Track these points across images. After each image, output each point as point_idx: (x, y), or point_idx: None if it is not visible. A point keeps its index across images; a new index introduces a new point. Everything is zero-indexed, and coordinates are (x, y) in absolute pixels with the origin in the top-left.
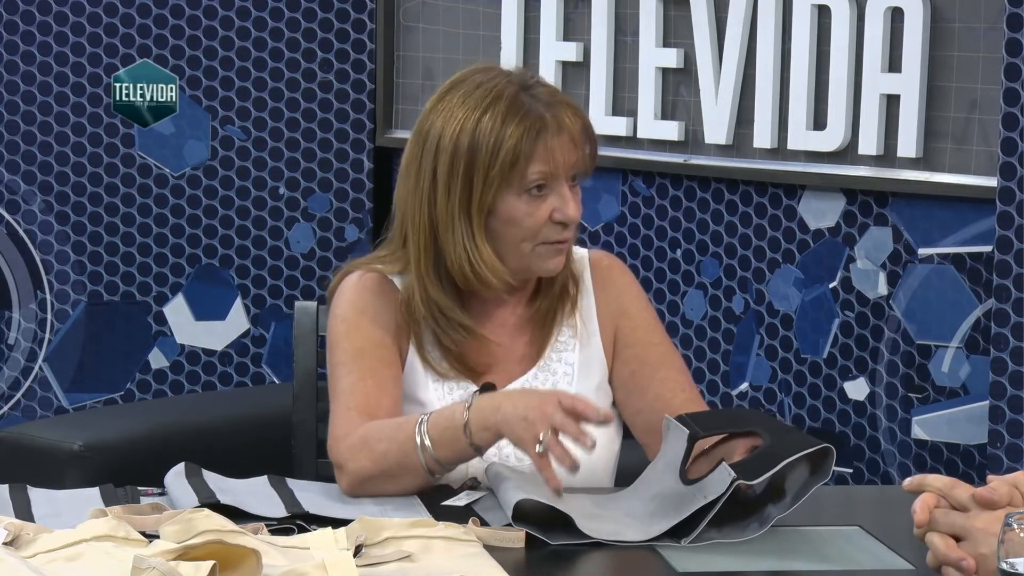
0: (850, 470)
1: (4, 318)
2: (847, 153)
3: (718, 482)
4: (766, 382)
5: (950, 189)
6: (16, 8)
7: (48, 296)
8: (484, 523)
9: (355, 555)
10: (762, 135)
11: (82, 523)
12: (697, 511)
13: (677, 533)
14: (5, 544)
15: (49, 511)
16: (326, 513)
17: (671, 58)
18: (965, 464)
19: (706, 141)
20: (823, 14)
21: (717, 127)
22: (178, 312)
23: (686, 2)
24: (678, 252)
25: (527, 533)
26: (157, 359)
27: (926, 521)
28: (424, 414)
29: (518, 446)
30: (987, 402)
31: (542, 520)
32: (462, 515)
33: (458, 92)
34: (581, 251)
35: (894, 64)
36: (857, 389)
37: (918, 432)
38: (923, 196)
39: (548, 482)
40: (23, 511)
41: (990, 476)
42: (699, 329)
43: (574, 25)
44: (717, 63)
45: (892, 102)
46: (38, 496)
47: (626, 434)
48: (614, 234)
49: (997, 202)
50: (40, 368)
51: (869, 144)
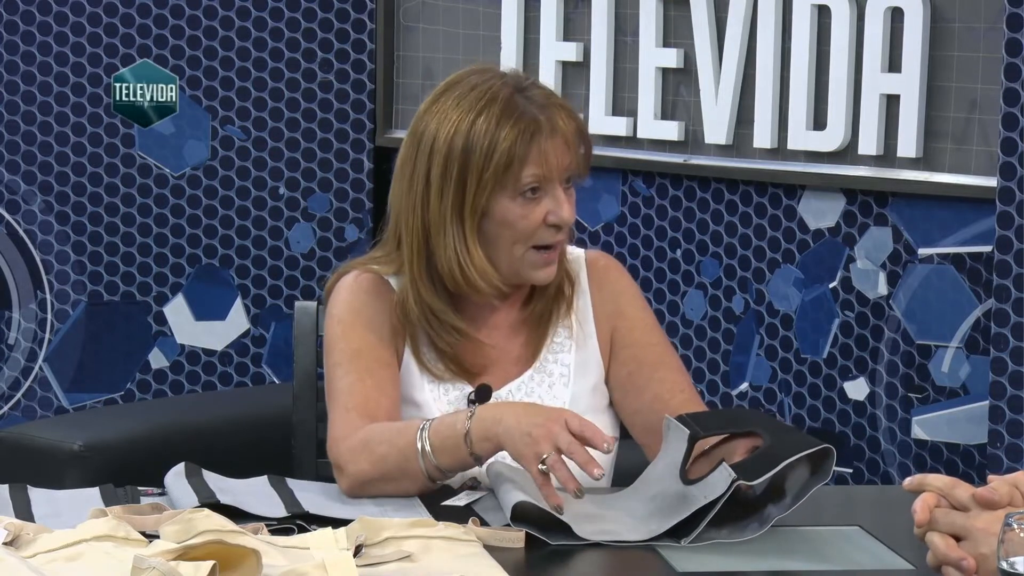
0: (850, 470)
1: (4, 318)
2: (847, 153)
3: (718, 482)
4: (766, 382)
5: (950, 189)
6: (16, 8)
7: (48, 296)
8: (484, 523)
9: (355, 555)
10: (762, 135)
11: (82, 523)
12: (697, 511)
13: (677, 533)
14: (5, 544)
15: (49, 511)
16: (326, 513)
17: (671, 58)
18: (965, 464)
19: (706, 141)
20: (823, 14)
21: (717, 127)
22: (178, 312)
23: (686, 2)
24: (678, 252)
25: (527, 533)
26: (157, 359)
27: (926, 521)
28: (426, 420)
29: (518, 461)
30: (987, 402)
31: (542, 520)
32: (462, 515)
33: (453, 93)
34: (577, 251)
35: (894, 64)
36: (857, 389)
37: (918, 432)
38: (923, 196)
39: (548, 499)
40: (23, 511)
41: (990, 476)
42: (699, 329)
43: (574, 25)
44: (717, 63)
45: (892, 102)
46: (38, 496)
47: (624, 434)
48: (614, 234)
49: (997, 202)
50: (40, 368)
51: (869, 144)
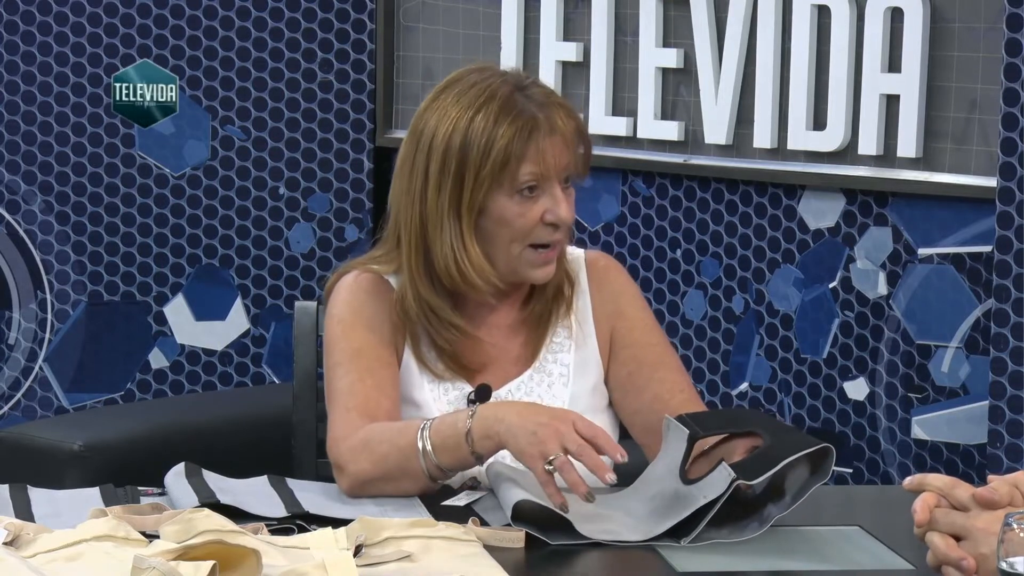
0: (850, 470)
1: (4, 318)
2: (847, 153)
3: (718, 482)
4: (766, 382)
5: (950, 189)
6: (16, 8)
7: (48, 296)
8: (484, 523)
9: (355, 555)
10: (762, 135)
11: (82, 523)
12: (697, 511)
13: (677, 533)
14: (5, 544)
15: (49, 511)
16: (326, 513)
17: (671, 58)
18: (965, 464)
19: (706, 141)
20: (823, 14)
21: (717, 127)
22: (178, 312)
23: (686, 2)
24: (678, 252)
25: (527, 533)
26: (157, 359)
27: (926, 520)
28: (427, 419)
29: (520, 459)
30: (987, 402)
31: (542, 520)
32: (462, 515)
33: (453, 91)
34: (577, 251)
35: (894, 64)
36: (857, 389)
37: (918, 432)
38: (923, 196)
39: (552, 498)
40: (23, 511)
41: (990, 476)
42: (699, 329)
43: (574, 25)
44: (717, 63)
45: (892, 102)
46: (38, 496)
47: (624, 434)
48: (614, 234)
49: (997, 202)
50: (40, 368)
51: (869, 144)
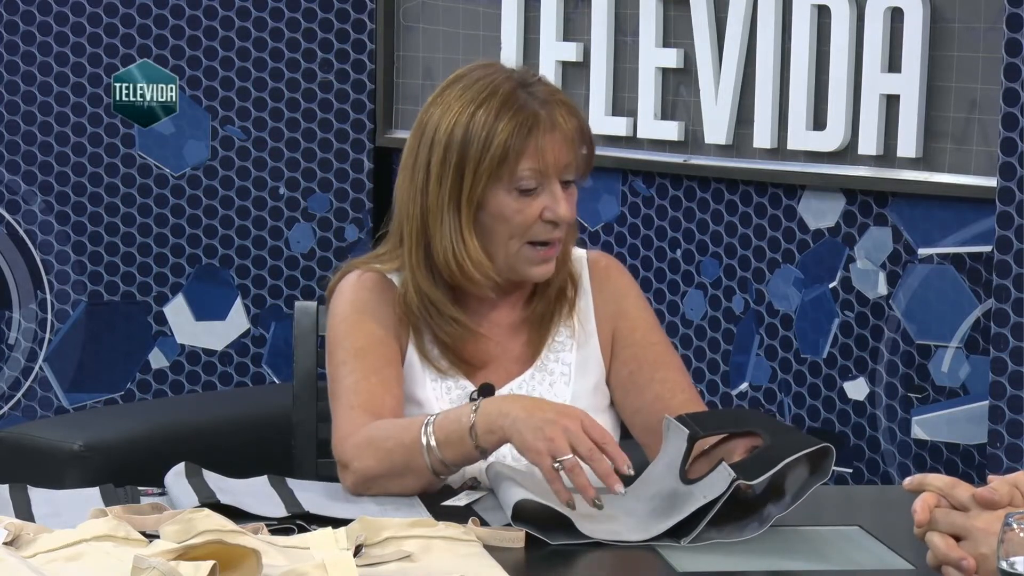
0: (850, 470)
1: (4, 318)
2: (847, 153)
3: (718, 482)
4: (766, 382)
5: (950, 189)
6: (16, 8)
7: (48, 296)
8: (484, 523)
9: (355, 555)
10: (762, 135)
11: (82, 523)
12: (697, 511)
13: (677, 533)
14: (5, 544)
15: (49, 511)
16: (326, 513)
17: (671, 58)
18: (965, 464)
19: (706, 141)
20: (823, 14)
21: (717, 127)
22: (178, 312)
23: (686, 2)
24: (678, 252)
25: (527, 533)
26: (157, 359)
27: (926, 520)
28: (431, 415)
29: (525, 455)
30: (987, 402)
31: (542, 520)
32: (462, 515)
33: (457, 86)
34: (579, 252)
35: (894, 64)
36: (857, 389)
37: (918, 432)
38: (923, 196)
39: (558, 495)
40: (23, 511)
41: (990, 476)
42: (699, 329)
43: (574, 25)
44: (717, 63)
45: (892, 102)
46: (38, 496)
47: (625, 434)
48: (614, 234)
49: (997, 202)
50: (40, 368)
51: (869, 144)
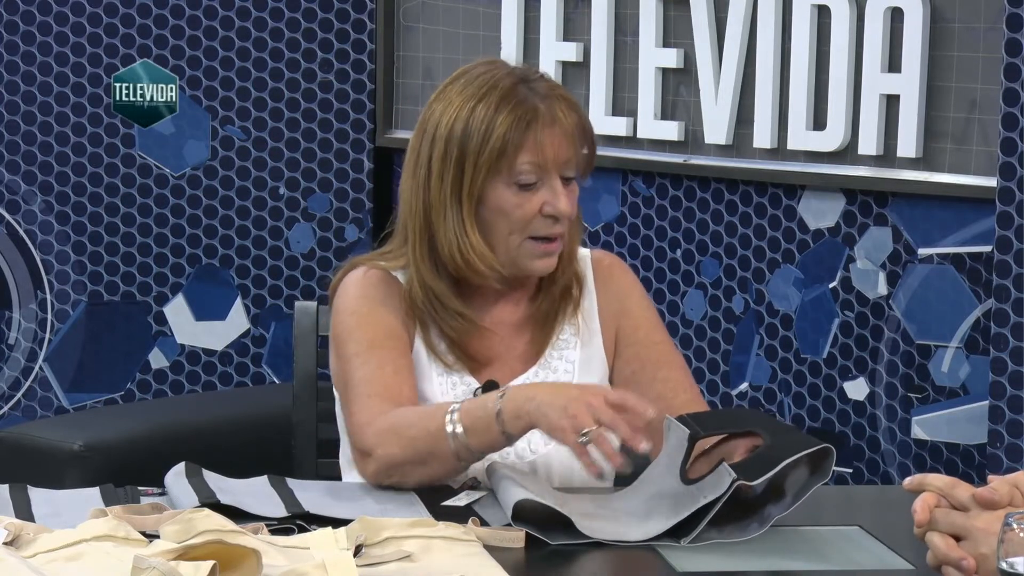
0: (850, 470)
1: (4, 318)
2: (847, 153)
3: (718, 482)
4: (766, 382)
5: (950, 189)
6: (16, 8)
7: (48, 296)
8: (484, 523)
9: (355, 555)
10: (762, 135)
11: (82, 523)
12: (697, 511)
13: (677, 533)
14: (5, 544)
15: (49, 511)
16: (326, 513)
17: (671, 58)
18: (965, 464)
19: (706, 141)
20: (823, 14)
21: (717, 127)
22: (178, 312)
23: (686, 2)
24: (678, 252)
25: (527, 533)
26: (157, 359)
27: (927, 520)
28: (454, 403)
29: (553, 436)
30: (987, 402)
31: (542, 520)
32: (462, 515)
33: (459, 82)
34: (583, 251)
35: (894, 64)
36: (857, 389)
37: (918, 432)
38: (923, 196)
39: (587, 469)
40: (23, 511)
41: (990, 476)
42: (699, 329)
43: (574, 25)
44: (717, 63)
45: (892, 102)
46: (38, 496)
47: None
48: (614, 234)
49: (997, 202)
50: (40, 368)
51: (869, 144)
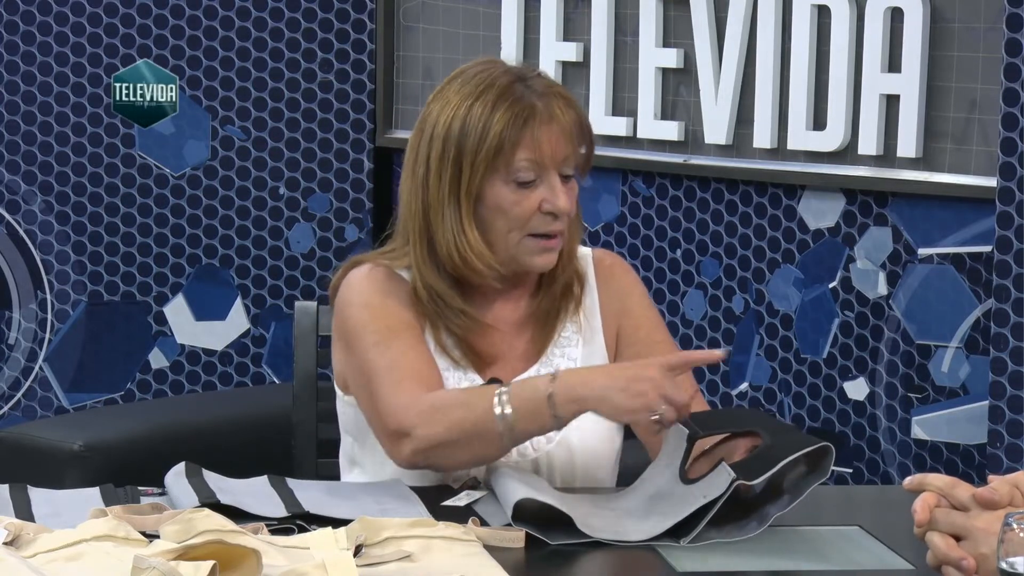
0: (850, 470)
1: (4, 318)
2: (847, 153)
3: (718, 482)
4: (766, 382)
5: (950, 189)
6: (16, 8)
7: (48, 296)
8: (484, 523)
9: (355, 555)
10: (762, 135)
11: (82, 523)
12: (697, 511)
13: (677, 533)
14: (5, 544)
15: (49, 511)
16: (326, 513)
17: (671, 58)
18: (965, 464)
19: (706, 141)
20: (823, 14)
21: (717, 127)
22: (178, 312)
23: (686, 2)
24: (678, 252)
25: (527, 533)
26: (157, 359)
27: (927, 520)
28: (500, 386)
29: (620, 417)
30: (987, 402)
31: (542, 520)
32: (462, 515)
33: (457, 81)
34: (584, 250)
35: (894, 64)
36: (857, 389)
37: (918, 432)
38: (923, 196)
39: (652, 450)
40: (23, 511)
41: (990, 476)
42: (699, 329)
43: (574, 25)
44: (717, 63)
45: (892, 102)
46: (38, 496)
47: (627, 434)
48: (614, 234)
49: (997, 202)
50: (40, 368)
51: (869, 144)
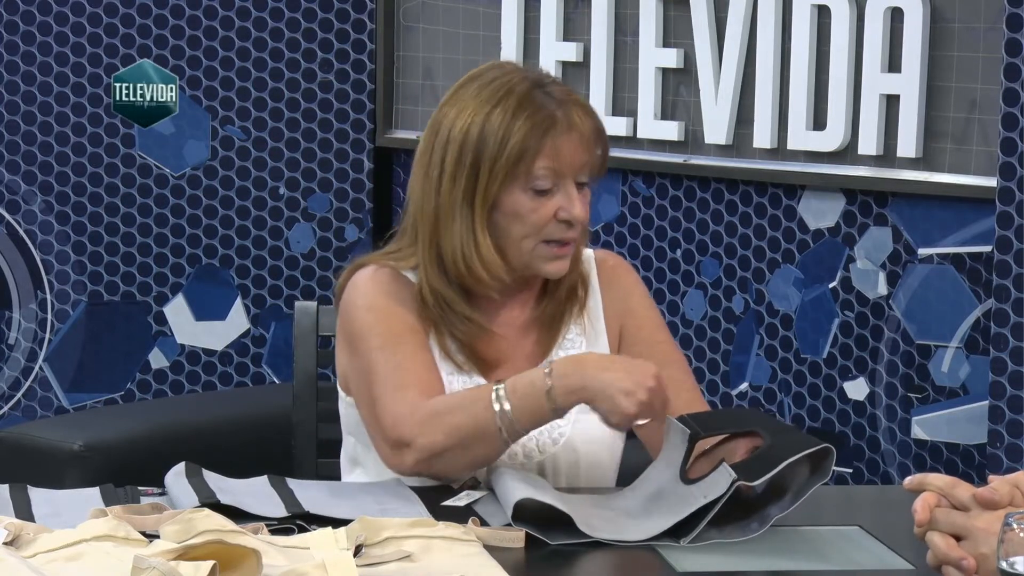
0: (850, 470)
1: (4, 318)
2: (847, 153)
3: (718, 482)
4: (766, 382)
5: (950, 189)
6: (16, 8)
7: (48, 296)
8: (484, 523)
9: (355, 555)
10: (762, 135)
11: (82, 523)
12: (697, 511)
13: (677, 533)
14: (5, 544)
15: (49, 511)
16: (326, 513)
17: (671, 58)
18: (965, 464)
19: (706, 141)
20: (823, 14)
21: (717, 127)
22: (178, 312)
23: (686, 2)
24: (678, 252)
25: (527, 533)
26: (157, 359)
27: (927, 520)
28: (495, 384)
29: (610, 416)
30: (987, 402)
31: (542, 520)
32: (462, 515)
33: (472, 86)
34: (587, 251)
35: (894, 64)
36: (857, 389)
37: (918, 432)
38: (923, 196)
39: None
40: (23, 511)
41: (991, 476)
42: (699, 329)
43: (574, 25)
44: (717, 63)
45: (892, 102)
46: (38, 496)
47: (628, 434)
48: (614, 234)
49: (997, 202)
50: (40, 368)
51: (869, 144)
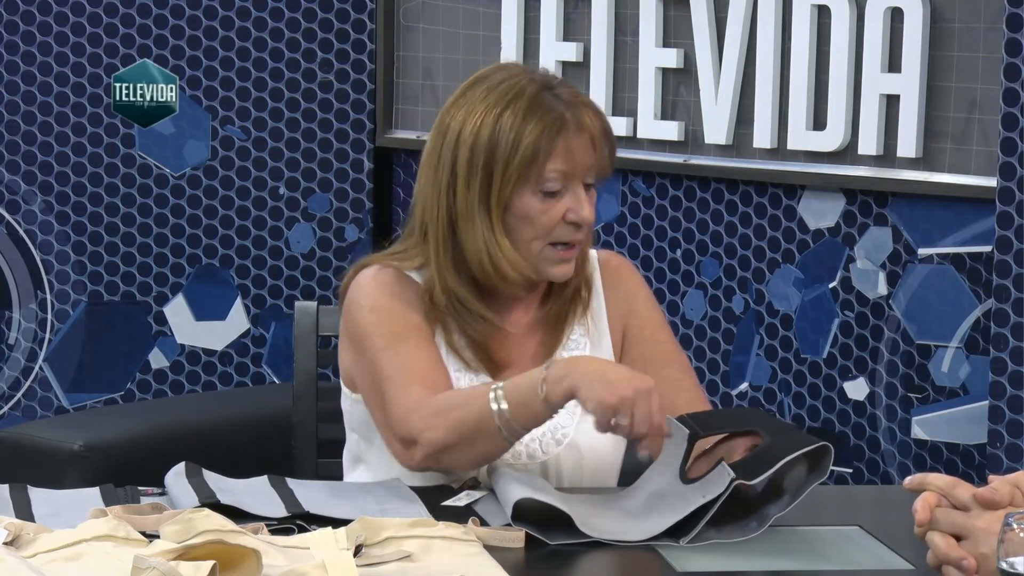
0: (850, 470)
1: (4, 318)
2: (847, 153)
3: (718, 482)
4: (766, 382)
5: (950, 189)
6: (16, 8)
7: (48, 296)
8: (484, 523)
9: (355, 555)
10: (762, 135)
11: (82, 523)
12: (696, 510)
13: (677, 533)
14: (5, 544)
15: (49, 511)
16: (326, 513)
17: (671, 58)
18: (965, 464)
19: (706, 141)
20: (823, 14)
21: (717, 127)
22: (178, 312)
23: (686, 2)
24: (678, 252)
25: (527, 533)
26: (157, 359)
27: (927, 520)
28: (495, 384)
29: (587, 406)
30: (987, 402)
31: (542, 520)
32: (462, 515)
33: (480, 88)
34: (590, 252)
35: (894, 64)
36: (857, 389)
37: (918, 432)
38: (923, 196)
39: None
40: (23, 511)
41: (991, 476)
42: (699, 329)
43: (574, 25)
44: (717, 63)
45: (892, 102)
46: (38, 496)
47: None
48: (614, 234)
49: (997, 202)
50: (40, 368)
51: (869, 144)
